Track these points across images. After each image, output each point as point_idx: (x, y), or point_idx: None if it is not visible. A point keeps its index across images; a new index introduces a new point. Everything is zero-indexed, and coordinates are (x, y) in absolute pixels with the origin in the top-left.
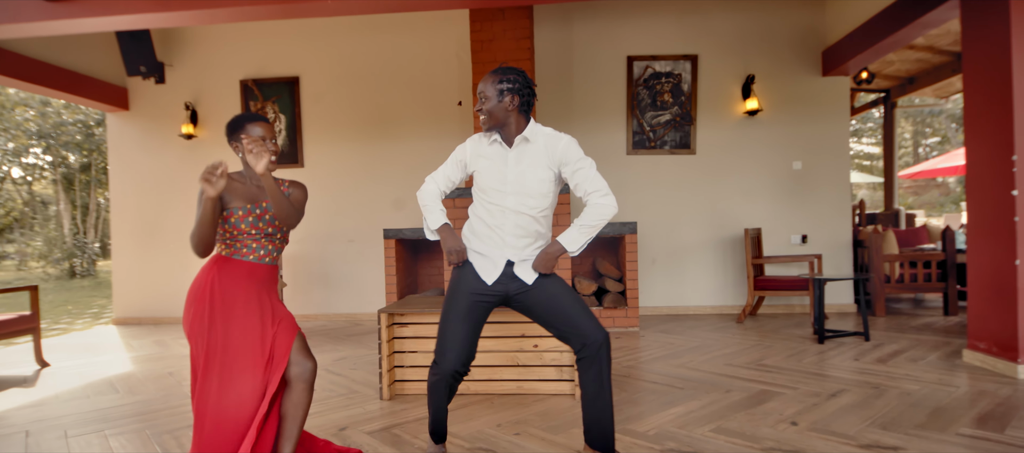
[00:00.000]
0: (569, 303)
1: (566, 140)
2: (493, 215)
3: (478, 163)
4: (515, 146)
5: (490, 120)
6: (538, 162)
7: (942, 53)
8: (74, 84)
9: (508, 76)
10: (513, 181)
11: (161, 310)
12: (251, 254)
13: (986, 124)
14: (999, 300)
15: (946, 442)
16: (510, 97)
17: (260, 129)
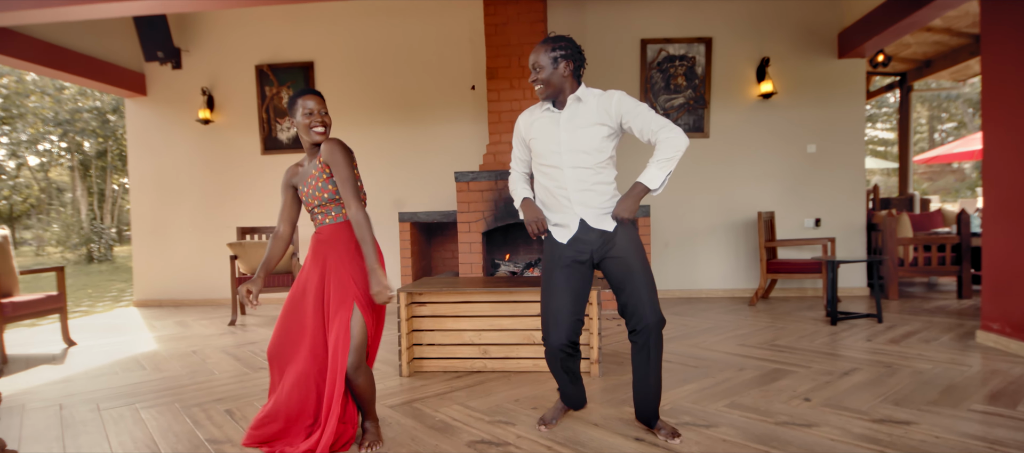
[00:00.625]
0: (638, 280)
1: (618, 95)
2: (554, 178)
3: (532, 133)
4: (567, 107)
5: (547, 88)
6: (590, 120)
7: (960, 35)
8: (93, 69)
9: (559, 43)
10: (567, 140)
11: (181, 292)
12: (324, 220)
13: (1004, 107)
14: (1014, 281)
15: (958, 417)
16: (564, 64)
17: (313, 102)
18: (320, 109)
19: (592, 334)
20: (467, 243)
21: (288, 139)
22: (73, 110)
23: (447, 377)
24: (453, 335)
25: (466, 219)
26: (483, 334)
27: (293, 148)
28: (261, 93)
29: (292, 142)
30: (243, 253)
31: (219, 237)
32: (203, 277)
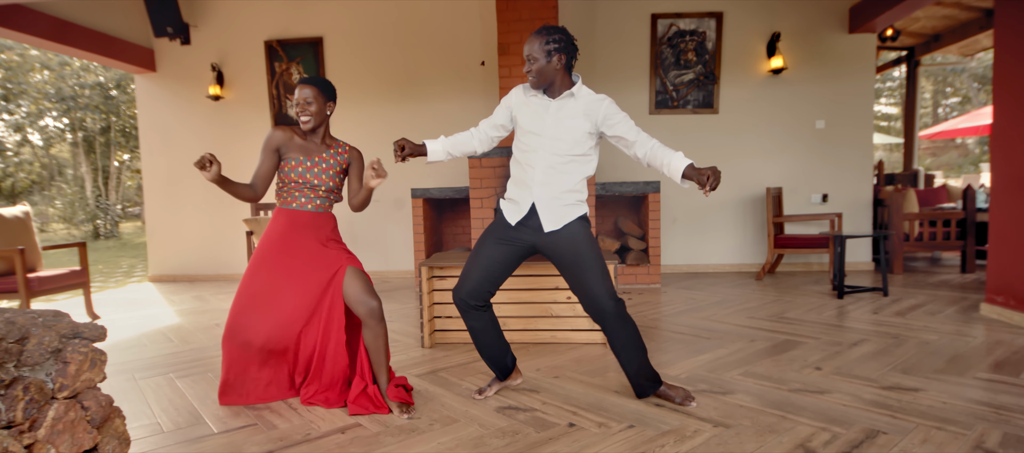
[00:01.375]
0: (586, 266)
1: (607, 101)
2: (527, 156)
3: (522, 110)
4: (559, 98)
5: (539, 79)
6: (577, 114)
7: (970, 9)
8: (102, 45)
9: (554, 36)
10: (551, 126)
11: (195, 267)
12: (294, 203)
13: (1015, 81)
14: (1019, 256)
15: (963, 384)
16: (557, 57)
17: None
18: (307, 100)
19: None
20: (480, 219)
21: None
22: (76, 86)
23: (468, 348)
24: None
25: (478, 195)
26: (502, 306)
27: None
28: (271, 69)
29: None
30: (258, 229)
31: (231, 213)
32: (216, 252)
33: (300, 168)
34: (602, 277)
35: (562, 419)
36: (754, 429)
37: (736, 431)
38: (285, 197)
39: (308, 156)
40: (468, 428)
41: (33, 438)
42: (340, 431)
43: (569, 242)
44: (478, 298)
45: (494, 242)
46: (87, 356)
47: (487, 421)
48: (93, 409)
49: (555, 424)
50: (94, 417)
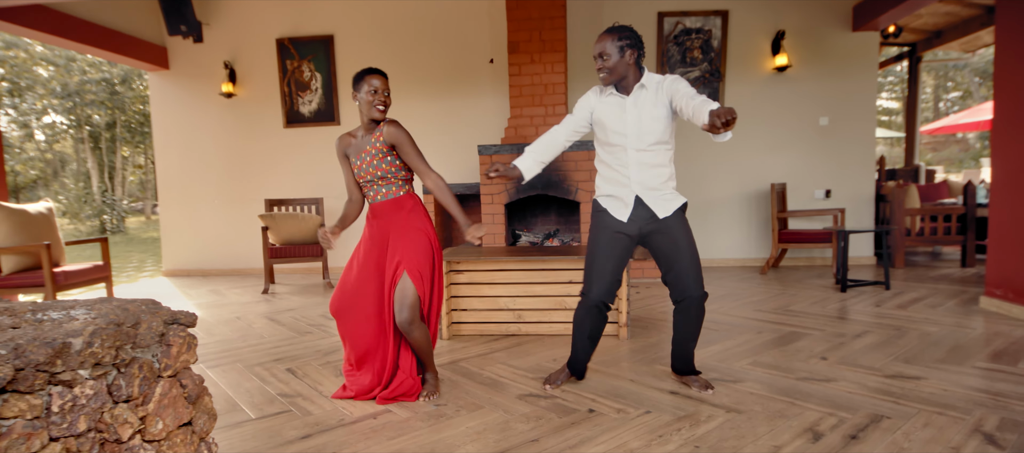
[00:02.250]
0: (685, 258)
1: (672, 77)
2: (617, 157)
3: (600, 110)
4: (633, 93)
5: (612, 75)
6: (652, 103)
7: (971, 6)
8: (115, 43)
9: (624, 33)
10: (632, 123)
11: (209, 262)
12: (379, 195)
13: (1016, 80)
14: (1017, 249)
15: (963, 373)
16: (629, 52)
17: (379, 81)
18: (384, 88)
19: (621, 299)
20: (491, 214)
21: (310, 113)
22: (82, 82)
23: (485, 340)
24: (489, 301)
25: (489, 191)
26: (517, 300)
27: (315, 121)
28: (282, 67)
29: (313, 115)
30: (274, 225)
31: (245, 209)
32: (230, 247)
33: (357, 169)
34: (697, 264)
35: (582, 405)
36: (764, 414)
37: (748, 416)
38: (367, 194)
39: (358, 154)
40: (493, 414)
41: (145, 411)
42: (372, 417)
43: (674, 229)
44: (610, 296)
45: (611, 240)
46: (185, 340)
47: (511, 407)
48: (189, 387)
49: (576, 410)
50: (190, 394)
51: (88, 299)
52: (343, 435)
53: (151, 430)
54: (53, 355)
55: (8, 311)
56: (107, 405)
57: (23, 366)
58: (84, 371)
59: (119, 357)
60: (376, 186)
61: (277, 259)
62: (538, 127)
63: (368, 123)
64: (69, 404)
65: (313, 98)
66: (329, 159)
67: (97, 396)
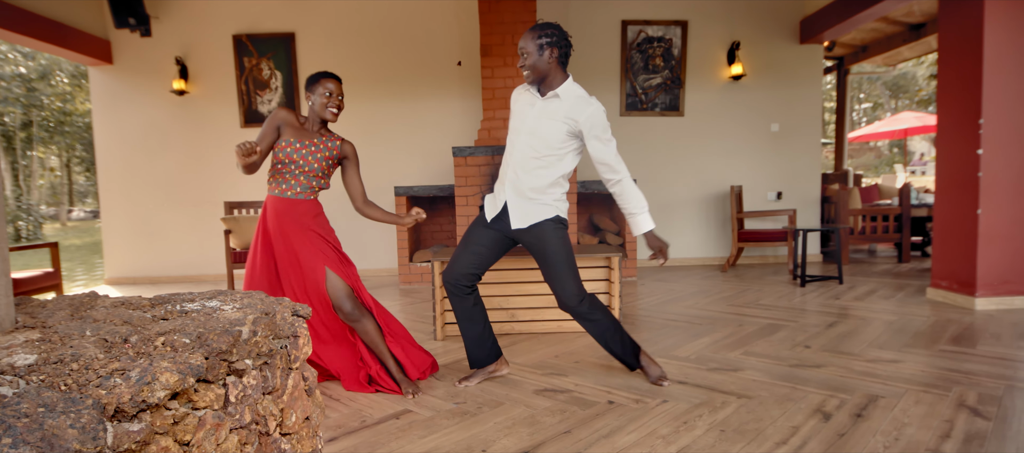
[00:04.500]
0: (551, 269)
1: (595, 108)
2: (510, 153)
3: (514, 107)
4: (546, 98)
5: (533, 74)
6: (558, 116)
7: (895, 23)
8: (53, 34)
9: (546, 31)
10: (530, 125)
11: (159, 269)
12: (277, 189)
13: (957, 91)
14: (961, 244)
15: (933, 355)
16: (549, 51)
17: (333, 85)
18: (338, 92)
19: (613, 296)
20: (466, 215)
21: (269, 112)
22: None
23: None
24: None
25: (464, 193)
26: (510, 299)
27: None
28: (240, 64)
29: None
30: (237, 228)
31: (199, 211)
32: (184, 253)
33: (289, 148)
34: (567, 277)
35: (600, 398)
36: (773, 399)
37: (759, 401)
38: (273, 182)
39: (300, 139)
40: (516, 409)
41: (282, 403)
42: (395, 417)
43: (537, 241)
44: (466, 281)
45: (481, 229)
46: (306, 332)
47: (532, 402)
48: (309, 379)
49: (595, 402)
50: (309, 386)
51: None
52: (371, 436)
53: (287, 422)
54: (231, 343)
55: (130, 304)
56: (259, 396)
57: (209, 354)
58: (249, 361)
59: (268, 347)
60: (296, 178)
61: (240, 263)
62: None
63: (318, 124)
64: (241, 394)
65: (273, 97)
66: None
67: (257, 387)
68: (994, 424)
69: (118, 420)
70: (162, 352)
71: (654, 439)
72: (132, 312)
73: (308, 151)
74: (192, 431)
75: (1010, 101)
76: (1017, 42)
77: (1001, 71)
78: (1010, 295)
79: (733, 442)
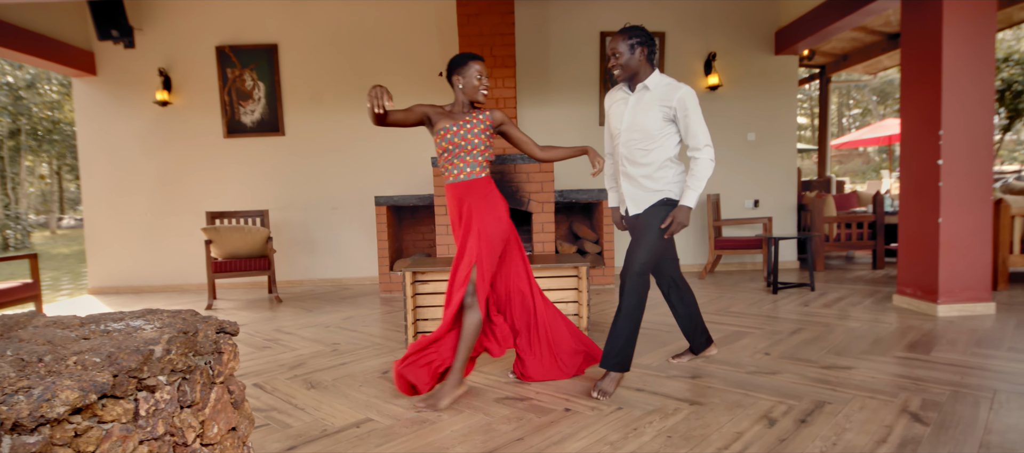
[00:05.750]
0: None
1: (686, 90)
2: (616, 151)
3: (610, 111)
4: (636, 91)
5: (624, 72)
6: (652, 105)
7: (874, 33)
8: (36, 47)
9: (635, 32)
10: (628, 120)
11: (142, 278)
12: (450, 176)
13: (919, 103)
14: (924, 252)
15: (887, 361)
16: (640, 50)
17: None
18: (486, 73)
19: (581, 304)
20: (445, 225)
21: (252, 122)
22: None
23: None
24: None
25: (442, 202)
26: None
27: (258, 132)
28: (222, 75)
29: (256, 125)
30: (217, 238)
31: (182, 221)
32: (166, 262)
33: (449, 134)
34: (645, 251)
35: (558, 405)
36: (724, 405)
37: (709, 408)
38: (446, 171)
39: (454, 121)
40: (475, 417)
41: (203, 416)
42: (355, 426)
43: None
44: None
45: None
46: (232, 348)
47: (491, 410)
48: (235, 392)
49: (552, 410)
50: (236, 399)
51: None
52: (330, 444)
53: (209, 434)
54: (142, 361)
55: (60, 324)
56: (177, 410)
57: (118, 372)
58: (163, 377)
59: (186, 364)
60: (463, 160)
61: (221, 274)
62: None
63: (466, 105)
64: (152, 408)
65: (256, 108)
66: (273, 170)
67: (171, 401)
68: (931, 429)
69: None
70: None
71: (602, 445)
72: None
73: (466, 130)
74: (95, 443)
75: (968, 112)
76: (974, 55)
77: (959, 83)
78: (971, 301)
79: (677, 447)
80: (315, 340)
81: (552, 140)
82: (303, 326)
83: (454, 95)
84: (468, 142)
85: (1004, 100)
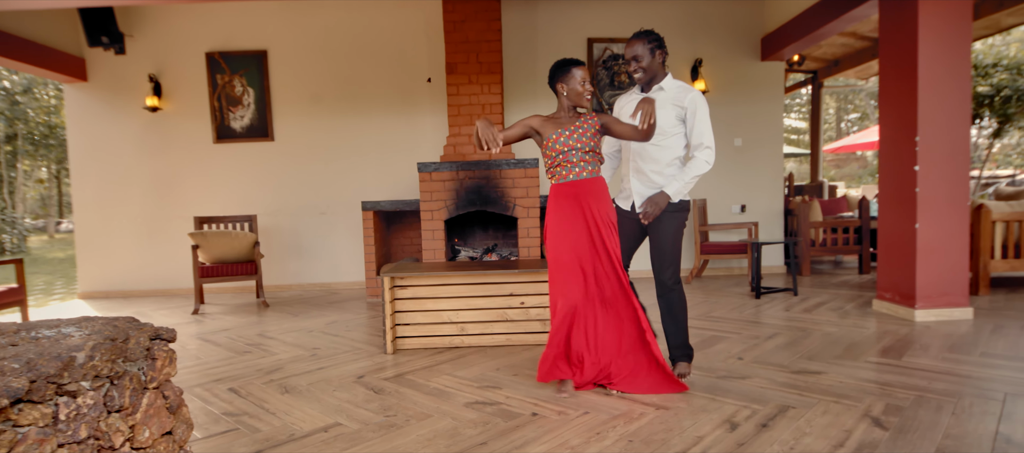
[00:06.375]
0: (660, 251)
1: (697, 93)
2: (629, 148)
3: (623, 111)
4: (652, 92)
5: (646, 74)
6: (667, 104)
7: (864, 39)
8: (27, 53)
9: (651, 36)
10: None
11: (130, 283)
12: (572, 174)
13: (896, 110)
14: (902, 257)
15: (857, 367)
16: (659, 53)
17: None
18: (589, 78)
19: None
20: (430, 230)
21: (242, 128)
22: None
23: (429, 353)
24: (432, 315)
25: (429, 208)
26: (460, 313)
27: (247, 137)
28: (212, 81)
29: (246, 131)
30: (205, 243)
31: (170, 227)
32: (155, 267)
33: (560, 139)
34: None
35: (525, 410)
36: (689, 410)
37: (674, 412)
38: (557, 174)
39: (564, 127)
40: (442, 422)
41: (133, 421)
42: (322, 430)
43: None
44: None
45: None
46: (167, 354)
47: (458, 415)
48: (171, 398)
49: (520, 414)
50: (172, 404)
51: (75, 317)
52: (296, 449)
53: (139, 438)
54: (61, 368)
55: None
56: (103, 414)
57: (36, 378)
58: (86, 383)
59: (114, 370)
60: (575, 162)
61: (208, 278)
62: (476, 146)
63: (570, 111)
64: (73, 413)
65: (245, 113)
66: (263, 175)
67: (96, 406)
68: (890, 434)
69: None
70: None
71: (564, 449)
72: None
73: (576, 134)
74: (8, 446)
75: (944, 119)
76: (951, 62)
77: (935, 90)
78: (948, 307)
79: (637, 451)
80: (296, 345)
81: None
82: (287, 331)
83: (558, 102)
84: (583, 144)
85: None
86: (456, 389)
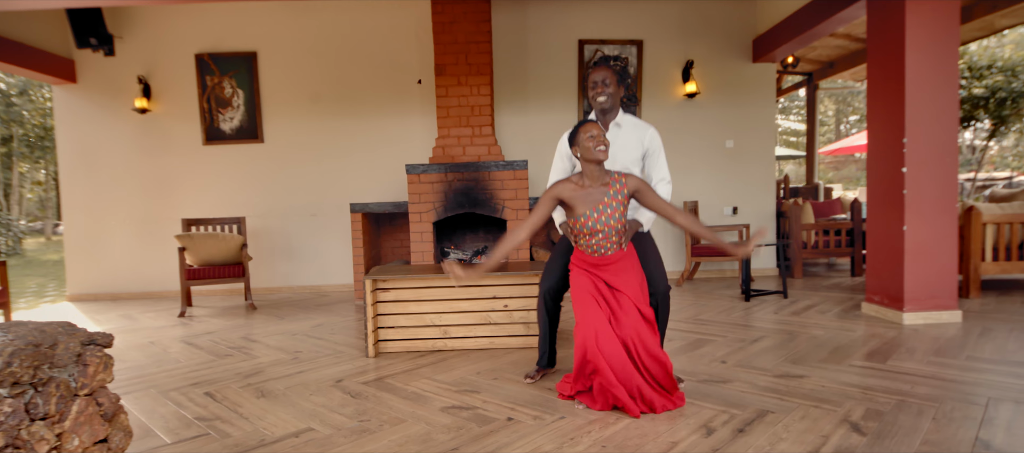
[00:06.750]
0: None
1: (653, 131)
2: None
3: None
4: (609, 130)
5: (610, 101)
6: (630, 144)
7: (858, 40)
8: (15, 54)
9: (619, 64)
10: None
11: (119, 285)
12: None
13: (884, 112)
14: (890, 260)
15: (841, 371)
16: (621, 87)
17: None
18: (599, 131)
19: None
20: (419, 232)
21: (231, 130)
22: None
23: (411, 356)
24: (415, 318)
25: (417, 210)
26: (443, 316)
27: (237, 139)
28: (202, 82)
29: (235, 133)
30: (191, 245)
31: (159, 228)
32: (143, 269)
33: (589, 222)
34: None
35: (501, 414)
36: (666, 415)
37: (650, 417)
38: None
39: (592, 207)
40: (416, 426)
41: (61, 428)
42: (294, 435)
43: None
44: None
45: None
46: (101, 360)
47: (433, 419)
48: (106, 405)
49: (495, 419)
50: (106, 412)
51: (3, 322)
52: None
53: (67, 446)
54: None
55: None
56: (24, 422)
57: None
58: (3, 390)
59: (37, 376)
60: (601, 241)
61: (195, 281)
62: (465, 147)
63: (595, 167)
64: None
65: (235, 115)
66: (251, 177)
67: (15, 414)
68: (868, 439)
69: None
70: None
71: None
72: None
73: (606, 215)
74: None
75: (931, 121)
76: (938, 64)
77: (923, 92)
78: (936, 309)
79: None
80: (278, 348)
81: (529, 146)
82: (271, 334)
83: (581, 167)
84: (610, 227)
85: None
86: (434, 393)
